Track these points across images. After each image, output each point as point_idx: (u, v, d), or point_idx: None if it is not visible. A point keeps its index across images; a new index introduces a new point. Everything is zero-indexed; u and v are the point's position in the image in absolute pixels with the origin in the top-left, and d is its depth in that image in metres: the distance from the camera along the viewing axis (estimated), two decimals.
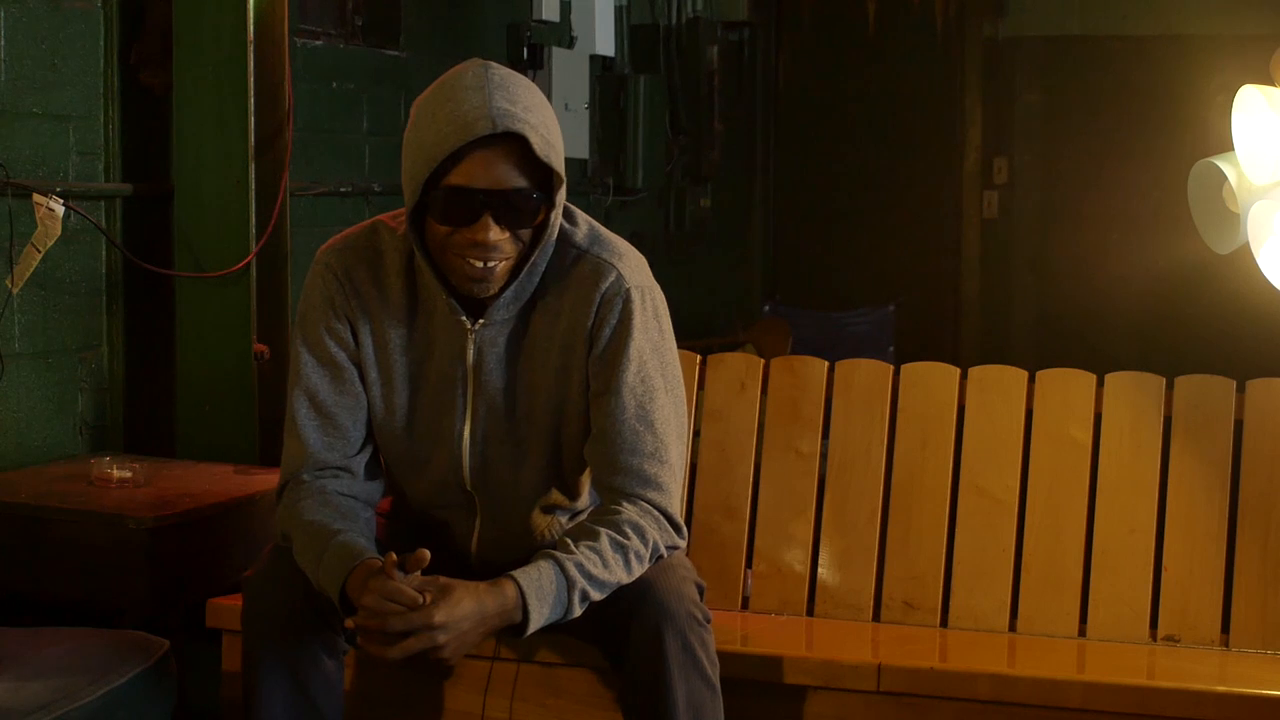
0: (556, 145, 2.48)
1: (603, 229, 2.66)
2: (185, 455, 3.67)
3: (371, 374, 2.63)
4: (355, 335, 2.62)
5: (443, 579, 2.39)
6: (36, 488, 3.23)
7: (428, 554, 2.39)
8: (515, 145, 2.43)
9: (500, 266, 2.50)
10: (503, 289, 2.53)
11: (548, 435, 2.63)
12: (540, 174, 2.47)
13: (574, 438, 2.63)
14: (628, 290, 2.57)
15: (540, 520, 2.69)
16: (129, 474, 3.25)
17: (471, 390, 2.61)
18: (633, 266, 2.61)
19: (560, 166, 2.48)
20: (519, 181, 2.45)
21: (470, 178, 2.43)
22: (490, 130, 2.40)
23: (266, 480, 3.33)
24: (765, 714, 2.82)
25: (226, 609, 2.89)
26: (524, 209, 2.47)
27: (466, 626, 2.37)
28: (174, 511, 3.08)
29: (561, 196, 2.52)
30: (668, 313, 2.66)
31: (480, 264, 2.48)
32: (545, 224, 2.51)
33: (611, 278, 2.57)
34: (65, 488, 3.22)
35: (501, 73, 2.48)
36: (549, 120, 2.48)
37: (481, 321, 2.57)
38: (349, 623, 2.41)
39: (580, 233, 2.61)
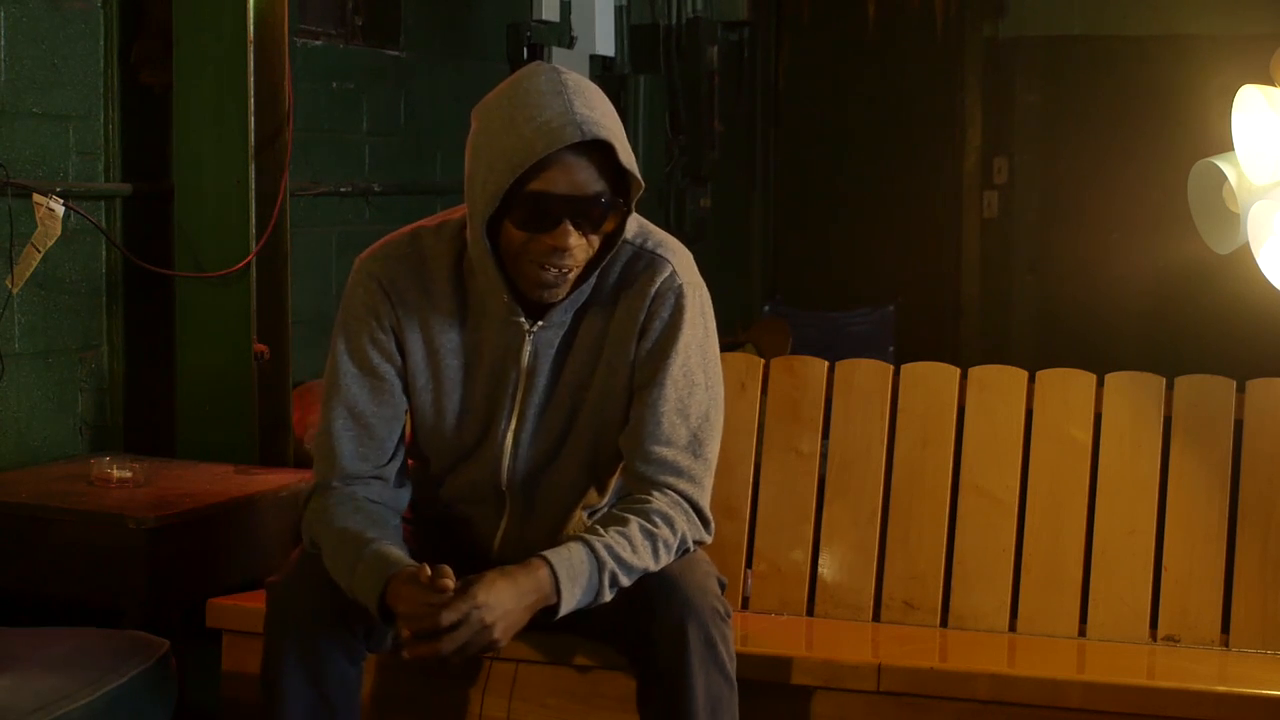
0: (631, 150, 2.49)
1: (652, 225, 2.66)
2: (185, 455, 3.67)
3: (420, 380, 2.62)
4: (401, 344, 2.62)
5: (470, 576, 2.40)
6: (36, 488, 3.23)
7: (450, 572, 2.39)
8: (596, 152, 2.44)
9: (573, 273, 2.51)
10: (568, 292, 2.54)
11: (587, 433, 2.64)
12: (614, 179, 2.47)
13: (613, 434, 2.64)
14: (681, 286, 2.59)
15: (568, 520, 2.69)
16: (129, 474, 3.24)
17: (522, 391, 2.61)
18: (685, 263, 2.63)
19: (638, 172, 2.48)
20: (598, 187, 2.46)
21: (552, 184, 2.43)
22: (579, 138, 2.41)
23: (266, 480, 3.33)
24: (765, 714, 2.82)
25: (226, 609, 2.89)
26: (600, 215, 2.48)
27: (510, 604, 2.38)
28: (174, 511, 3.08)
29: (635, 202, 2.52)
30: (713, 311, 2.67)
31: (555, 270, 2.48)
32: (617, 229, 2.52)
33: (666, 273, 2.59)
34: (65, 488, 3.22)
35: (574, 78, 2.49)
36: (621, 125, 2.50)
37: (540, 324, 2.57)
38: (405, 633, 2.39)
39: (632, 228, 2.61)
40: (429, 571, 2.38)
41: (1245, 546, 3.07)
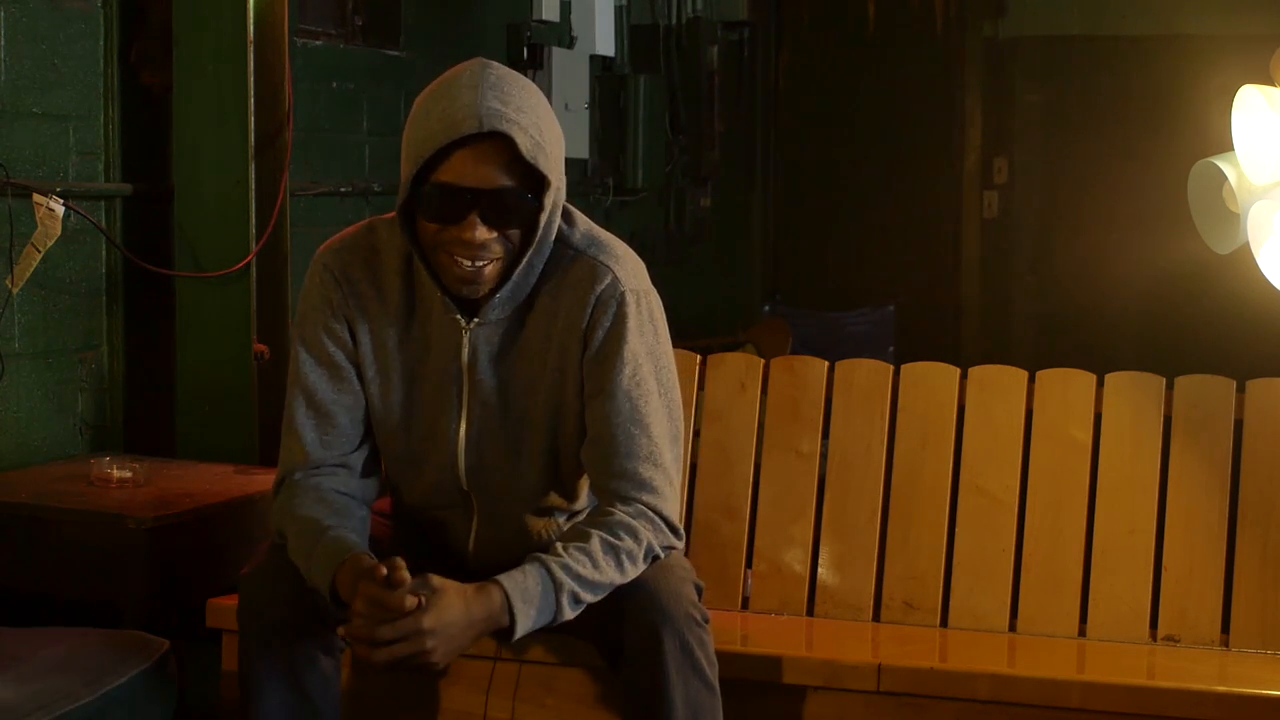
0: (547, 147, 2.47)
1: (600, 231, 2.65)
2: (185, 455, 3.67)
3: (369, 372, 2.63)
4: (353, 335, 2.62)
5: (434, 580, 2.38)
6: (36, 488, 3.23)
7: (402, 563, 2.37)
8: (505, 145, 2.43)
9: (489, 267, 2.50)
10: (495, 289, 2.53)
11: (544, 436, 2.63)
12: (533, 175, 2.47)
13: (570, 439, 2.63)
14: (623, 293, 2.57)
15: (537, 522, 2.69)
16: (129, 474, 3.24)
17: (467, 389, 2.61)
18: (629, 270, 2.61)
19: (549, 168, 2.47)
20: (506, 181, 2.45)
21: (458, 175, 2.43)
22: (476, 129, 2.41)
23: (266, 480, 3.32)
24: (765, 714, 2.82)
25: (226, 609, 2.89)
26: (512, 209, 2.47)
27: (455, 632, 2.37)
28: (174, 511, 3.08)
29: (550, 199, 2.50)
30: (664, 317, 2.65)
31: (469, 264, 2.48)
32: (535, 225, 2.51)
33: (607, 280, 2.57)
34: (65, 488, 3.22)
35: (499, 72, 2.48)
36: (542, 122, 2.47)
37: (476, 320, 2.57)
38: (341, 631, 2.41)
39: (577, 234, 2.60)
40: (384, 570, 2.36)
41: (1245, 546, 3.07)
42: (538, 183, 2.48)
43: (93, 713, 2.49)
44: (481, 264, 2.48)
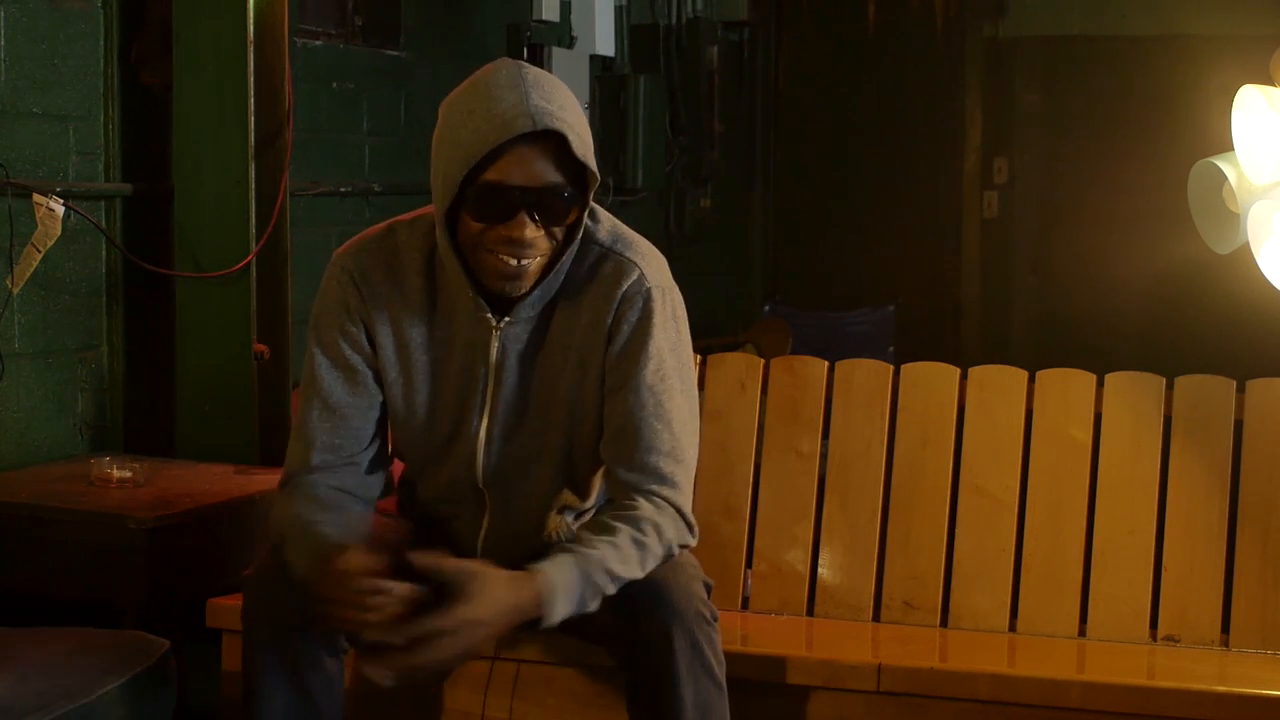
0: (590, 144, 2.50)
1: (625, 227, 2.66)
2: (185, 455, 3.67)
3: (391, 374, 2.63)
4: (372, 337, 2.62)
5: (474, 566, 2.37)
6: (36, 488, 3.23)
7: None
8: (552, 143, 2.44)
9: (534, 264, 2.50)
10: (533, 286, 2.54)
11: (562, 433, 2.63)
12: (573, 172, 2.48)
13: (587, 436, 2.63)
14: (649, 289, 2.58)
15: (548, 520, 2.69)
16: (129, 474, 3.25)
17: (492, 387, 2.61)
18: (655, 267, 2.62)
19: (594, 165, 2.49)
20: (555, 178, 2.46)
21: (507, 174, 2.44)
22: (530, 128, 2.41)
23: (266, 480, 3.33)
24: (765, 714, 2.83)
25: (226, 609, 2.89)
26: (559, 206, 2.48)
27: (501, 621, 2.36)
28: (174, 511, 3.08)
29: (593, 194, 2.53)
30: (685, 315, 2.66)
31: (514, 261, 2.48)
32: (577, 222, 2.52)
33: (634, 277, 2.58)
34: (65, 488, 3.22)
35: (535, 72, 2.50)
36: (582, 119, 2.50)
37: (508, 319, 2.57)
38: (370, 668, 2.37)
39: (603, 230, 2.61)
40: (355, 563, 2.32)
41: (1245, 546, 3.07)
42: (578, 178, 2.49)
43: (93, 713, 2.49)
44: (526, 261, 2.49)
